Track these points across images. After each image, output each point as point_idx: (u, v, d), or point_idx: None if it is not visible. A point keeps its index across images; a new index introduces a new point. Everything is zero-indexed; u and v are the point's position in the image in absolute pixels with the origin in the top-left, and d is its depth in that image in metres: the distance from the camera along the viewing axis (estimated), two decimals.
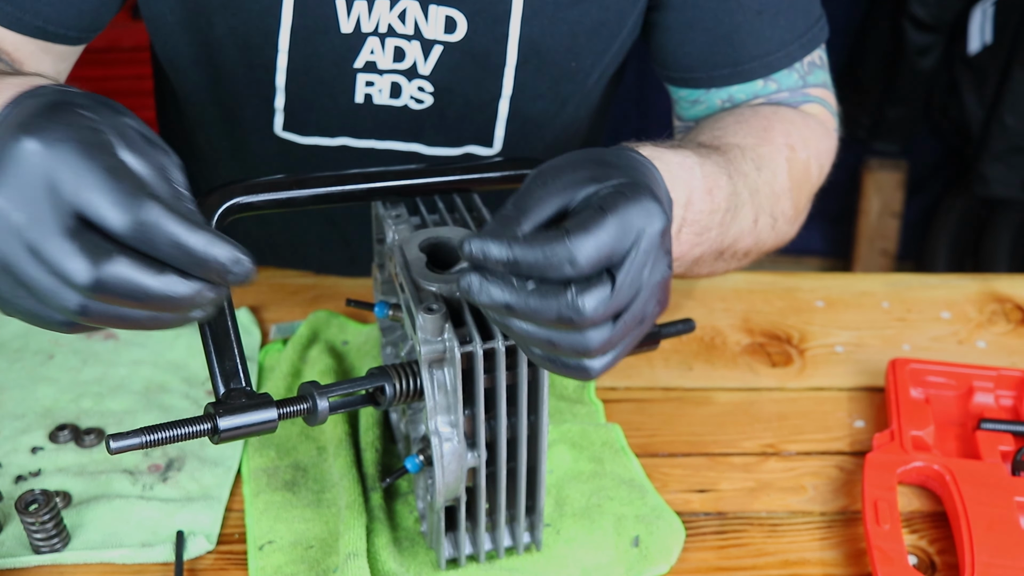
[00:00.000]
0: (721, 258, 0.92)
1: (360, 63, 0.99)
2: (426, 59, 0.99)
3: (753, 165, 0.91)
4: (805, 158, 0.98)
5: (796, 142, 0.97)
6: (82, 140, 0.56)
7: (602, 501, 0.89)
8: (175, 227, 0.55)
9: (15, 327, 1.06)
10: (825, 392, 1.05)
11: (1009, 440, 0.94)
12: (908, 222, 2.66)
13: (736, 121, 0.97)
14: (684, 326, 0.91)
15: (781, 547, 0.88)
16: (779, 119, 0.99)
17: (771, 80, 1.02)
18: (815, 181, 1.01)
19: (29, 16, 0.91)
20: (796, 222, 1.00)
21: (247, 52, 0.99)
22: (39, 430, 0.95)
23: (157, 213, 0.55)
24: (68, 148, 0.55)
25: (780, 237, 0.98)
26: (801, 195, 0.98)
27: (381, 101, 1.02)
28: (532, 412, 0.77)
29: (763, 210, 0.92)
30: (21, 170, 0.55)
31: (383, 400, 0.77)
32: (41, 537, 0.82)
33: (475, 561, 0.84)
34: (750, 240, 0.92)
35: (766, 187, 0.92)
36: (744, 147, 0.92)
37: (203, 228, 0.56)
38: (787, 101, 1.03)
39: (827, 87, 1.07)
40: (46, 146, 0.55)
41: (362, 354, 1.03)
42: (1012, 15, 2.17)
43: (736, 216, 0.87)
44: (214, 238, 0.56)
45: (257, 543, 0.85)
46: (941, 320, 1.14)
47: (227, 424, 0.70)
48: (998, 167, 2.27)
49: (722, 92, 1.03)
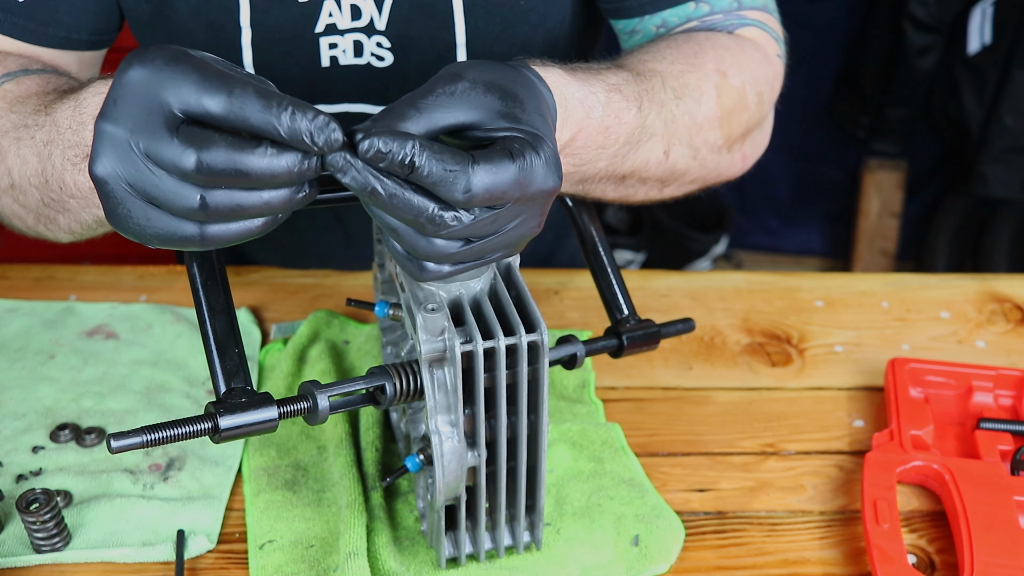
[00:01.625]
0: (623, 184, 0.91)
1: (321, 27, 1.01)
2: (380, 13, 1.00)
3: (673, 94, 0.90)
4: (739, 84, 0.96)
5: (729, 68, 0.95)
6: (171, 53, 0.62)
7: (602, 500, 0.89)
8: (261, 101, 0.60)
9: (16, 327, 1.07)
10: (825, 392, 1.05)
11: (1008, 439, 0.94)
12: (908, 222, 2.66)
13: (667, 47, 0.96)
14: (684, 326, 0.91)
15: (781, 546, 0.88)
16: (712, 44, 0.97)
17: (703, 3, 1.01)
18: (754, 110, 0.98)
19: (52, 28, 0.97)
20: (731, 151, 0.98)
21: (212, 33, 1.01)
22: (40, 429, 0.95)
23: (243, 92, 0.60)
24: (160, 60, 0.61)
25: (708, 168, 0.96)
26: (735, 123, 0.96)
27: (346, 61, 1.03)
28: (532, 411, 0.77)
29: (679, 140, 0.91)
30: (127, 92, 0.61)
31: (383, 399, 0.77)
32: (42, 536, 0.83)
33: (475, 560, 0.84)
34: (660, 171, 0.91)
35: (685, 116, 0.91)
36: (667, 74, 0.91)
37: (287, 100, 0.60)
38: (721, 24, 1.01)
39: (767, 11, 1.05)
40: (141, 64, 0.61)
41: (362, 354, 1.03)
42: (1012, 15, 2.18)
43: (638, 148, 0.87)
44: (300, 107, 0.60)
45: (258, 542, 0.85)
46: (940, 320, 1.14)
47: (227, 423, 0.70)
48: (998, 167, 2.27)
49: (655, 18, 1.02)
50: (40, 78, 0.89)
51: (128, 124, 0.61)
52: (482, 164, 0.63)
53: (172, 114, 0.60)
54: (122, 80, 0.62)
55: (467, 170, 0.62)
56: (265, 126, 0.60)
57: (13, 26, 0.96)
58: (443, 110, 0.65)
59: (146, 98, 0.61)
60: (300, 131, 0.60)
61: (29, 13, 0.96)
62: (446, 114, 0.65)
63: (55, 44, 0.98)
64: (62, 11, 0.97)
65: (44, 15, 0.96)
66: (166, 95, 0.60)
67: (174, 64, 0.61)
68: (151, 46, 0.62)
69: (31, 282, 1.14)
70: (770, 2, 1.06)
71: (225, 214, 0.62)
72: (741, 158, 1.00)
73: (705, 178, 0.98)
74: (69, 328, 1.07)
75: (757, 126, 1.00)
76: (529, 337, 0.74)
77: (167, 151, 0.60)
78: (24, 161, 0.82)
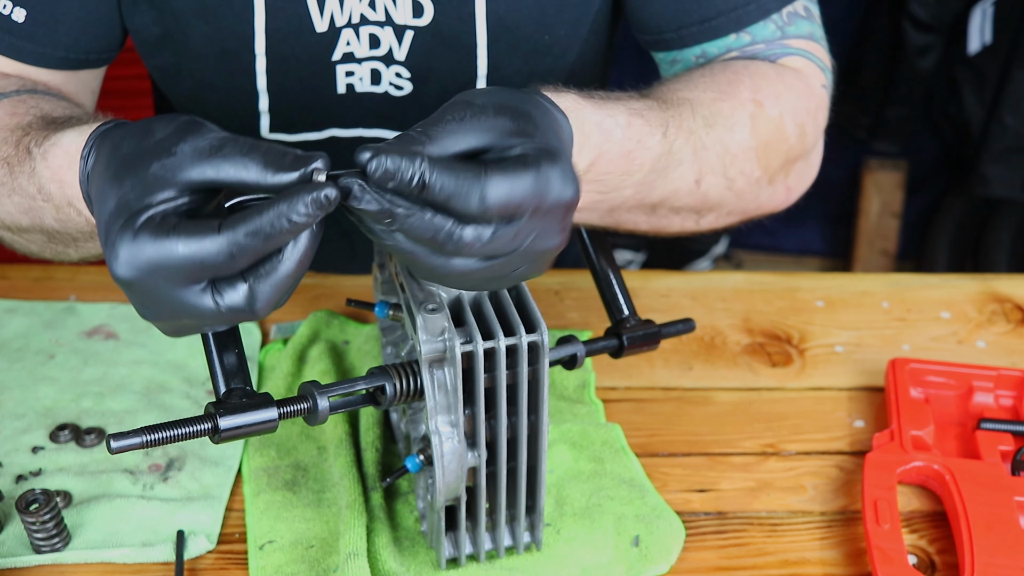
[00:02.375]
0: (655, 214, 0.89)
1: (338, 55, 0.99)
2: (400, 44, 0.99)
3: (703, 122, 0.87)
4: (776, 114, 0.93)
5: (765, 98, 0.93)
6: (144, 244, 0.60)
7: (602, 501, 0.89)
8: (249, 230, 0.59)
9: (16, 327, 1.07)
10: (825, 392, 1.05)
11: (1009, 440, 0.94)
12: (908, 222, 2.66)
13: (701, 75, 0.94)
14: (684, 326, 0.91)
15: (781, 547, 0.88)
16: (749, 73, 0.94)
17: (744, 33, 0.99)
18: (795, 142, 0.95)
19: (50, 49, 0.95)
20: (772, 184, 0.95)
21: (226, 59, 1.00)
22: (40, 430, 0.95)
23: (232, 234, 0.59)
24: (141, 257, 0.60)
25: (747, 199, 0.94)
26: (773, 156, 0.93)
27: (363, 89, 1.02)
28: (532, 412, 0.77)
29: (711, 169, 0.88)
30: (143, 295, 0.62)
31: (383, 400, 0.77)
32: (42, 537, 0.82)
33: (475, 561, 0.84)
34: (693, 200, 0.89)
35: (717, 145, 0.88)
36: (697, 102, 0.88)
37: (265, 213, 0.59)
38: (763, 54, 0.99)
39: (813, 39, 1.01)
40: (132, 273, 0.60)
41: (362, 354, 1.03)
42: (1012, 15, 2.17)
43: (666, 175, 0.85)
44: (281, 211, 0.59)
45: (257, 543, 0.85)
46: (941, 320, 1.14)
47: (227, 424, 0.70)
48: (998, 167, 2.27)
49: (695, 49, 1.00)
50: (9, 103, 0.87)
51: (172, 314, 0.63)
52: (496, 174, 0.61)
53: (192, 276, 0.61)
54: (130, 290, 0.62)
55: (481, 180, 0.61)
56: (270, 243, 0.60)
57: (10, 47, 0.93)
58: (454, 136, 0.63)
59: (163, 292, 0.61)
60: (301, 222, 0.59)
61: (27, 34, 0.93)
62: (458, 140, 0.63)
63: (52, 65, 0.96)
64: (61, 32, 0.95)
65: (42, 36, 0.94)
66: (177, 281, 0.60)
67: (159, 254, 0.60)
68: (117, 243, 0.61)
69: (31, 282, 1.14)
70: (818, 30, 1.02)
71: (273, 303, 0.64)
72: (785, 191, 0.98)
73: (745, 210, 0.96)
74: (69, 328, 1.07)
75: (800, 158, 0.97)
76: (529, 337, 0.74)
77: (221, 313, 0.62)
78: (12, 217, 0.81)
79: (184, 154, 0.61)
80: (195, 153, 0.61)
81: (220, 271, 0.60)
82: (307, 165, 0.60)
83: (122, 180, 0.62)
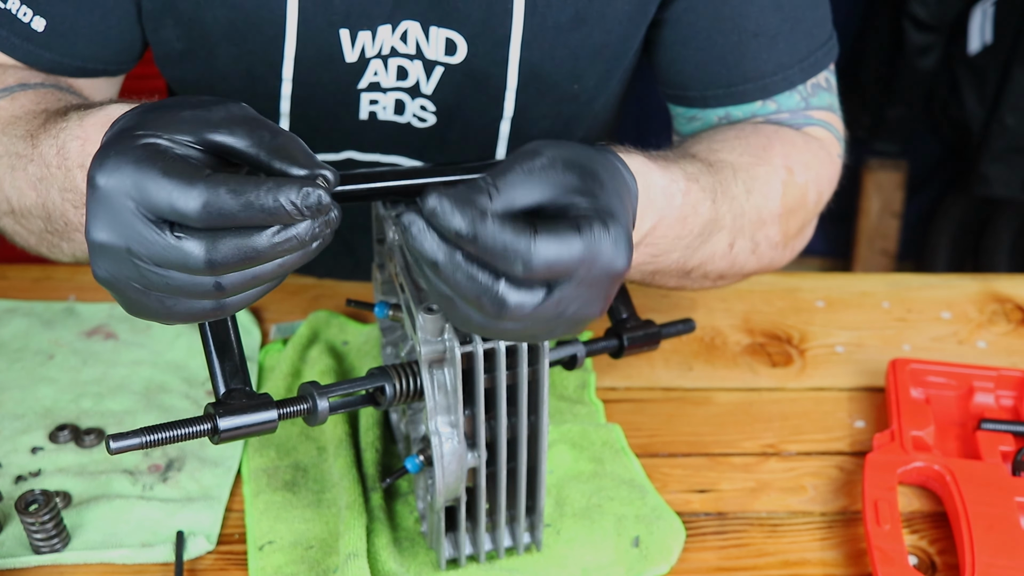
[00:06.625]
0: (688, 277, 0.91)
1: (364, 84, 0.99)
2: (428, 79, 0.98)
3: (744, 188, 0.89)
4: (803, 182, 0.95)
5: (795, 165, 0.95)
6: (134, 156, 0.59)
7: (602, 501, 0.89)
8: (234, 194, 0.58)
9: (15, 327, 1.06)
10: (825, 392, 1.05)
11: (1009, 440, 0.94)
12: (908, 222, 2.66)
13: (736, 136, 0.95)
14: (684, 326, 0.91)
15: (781, 547, 0.88)
16: (780, 139, 0.96)
17: (770, 101, 1.00)
18: (812, 208, 0.98)
19: (69, 59, 0.95)
20: (785, 248, 0.98)
21: (252, 82, 0.99)
22: (39, 430, 0.95)
23: (214, 192, 0.57)
24: (126, 166, 0.59)
25: (763, 262, 0.96)
26: (793, 221, 0.96)
27: (385, 117, 1.02)
28: (532, 412, 0.77)
29: (743, 234, 0.90)
30: (103, 207, 0.60)
31: (383, 400, 0.77)
32: (41, 537, 0.82)
33: (475, 561, 0.84)
34: (723, 264, 0.91)
35: (753, 212, 0.90)
36: (738, 167, 0.90)
37: (260, 183, 0.58)
38: (788, 122, 1.01)
39: (833, 110, 1.04)
40: (107, 175, 0.59)
41: (362, 354, 1.03)
42: (1012, 15, 2.17)
43: (708, 240, 0.86)
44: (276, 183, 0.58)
45: (257, 543, 0.85)
46: (941, 320, 1.14)
47: (227, 424, 0.70)
48: (998, 167, 2.27)
49: (719, 111, 1.01)
50: (35, 93, 0.88)
51: (120, 237, 0.60)
52: (545, 236, 0.60)
53: (159, 219, 0.59)
54: (94, 195, 0.60)
55: (528, 239, 0.59)
56: (247, 213, 0.58)
57: (28, 54, 0.94)
58: (521, 189, 0.63)
59: (124, 209, 0.59)
60: (280, 212, 0.58)
61: (47, 42, 0.93)
62: (524, 193, 0.63)
63: (70, 73, 0.96)
64: (80, 43, 0.95)
65: (62, 46, 0.94)
66: (144, 204, 0.59)
67: (141, 170, 0.59)
68: (112, 147, 0.60)
69: (30, 282, 1.14)
70: (835, 101, 1.05)
71: (242, 287, 0.61)
72: (790, 252, 1.00)
73: (755, 271, 0.97)
74: (68, 328, 1.07)
75: (809, 223, 1.00)
76: None
77: (171, 255, 0.59)
78: (21, 192, 0.81)
79: (217, 114, 0.62)
80: (228, 117, 0.62)
81: (189, 218, 0.58)
82: (318, 169, 0.60)
83: (146, 113, 0.63)
